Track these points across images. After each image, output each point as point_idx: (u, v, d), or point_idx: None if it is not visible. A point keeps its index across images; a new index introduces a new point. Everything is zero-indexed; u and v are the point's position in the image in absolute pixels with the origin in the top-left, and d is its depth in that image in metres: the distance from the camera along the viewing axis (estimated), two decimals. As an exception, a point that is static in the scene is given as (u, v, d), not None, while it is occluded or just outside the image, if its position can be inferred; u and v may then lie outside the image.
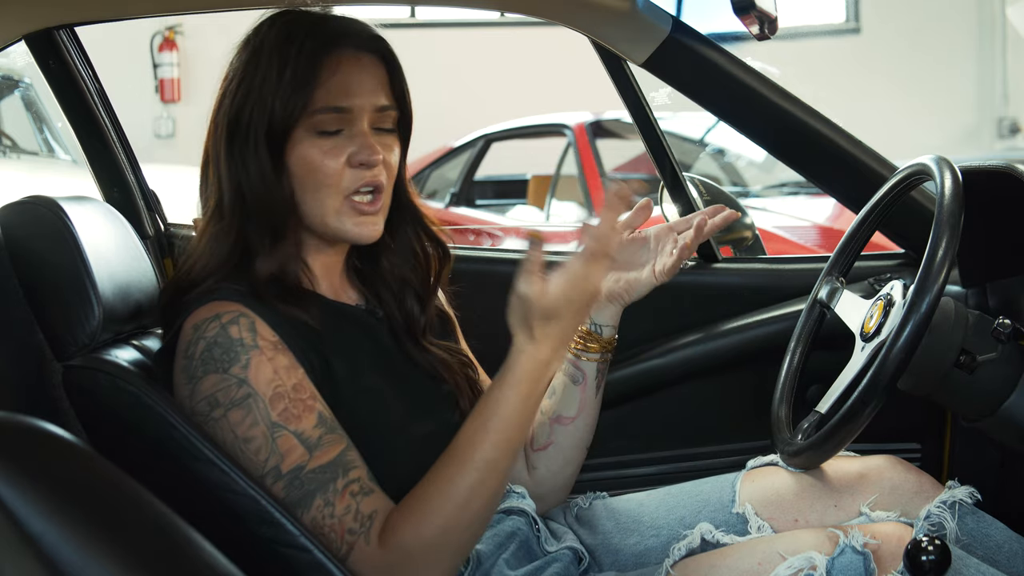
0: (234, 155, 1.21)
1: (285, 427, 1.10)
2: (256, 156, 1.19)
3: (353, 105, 1.21)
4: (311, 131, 1.20)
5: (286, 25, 1.22)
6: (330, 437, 1.12)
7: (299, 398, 1.12)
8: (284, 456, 1.10)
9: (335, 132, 1.20)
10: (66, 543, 0.71)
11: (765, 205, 4.24)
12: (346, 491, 1.10)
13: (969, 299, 1.57)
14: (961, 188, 1.24)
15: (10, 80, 4.67)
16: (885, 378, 1.19)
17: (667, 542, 1.31)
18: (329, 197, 1.21)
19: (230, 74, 1.23)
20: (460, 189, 5.58)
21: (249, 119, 1.19)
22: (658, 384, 1.77)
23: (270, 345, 1.13)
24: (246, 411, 1.10)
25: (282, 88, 1.18)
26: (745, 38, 1.58)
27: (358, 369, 1.21)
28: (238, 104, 1.20)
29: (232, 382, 1.11)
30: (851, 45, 8.24)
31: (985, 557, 1.24)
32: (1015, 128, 8.23)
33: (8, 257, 1.27)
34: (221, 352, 1.11)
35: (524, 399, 1.09)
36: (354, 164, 1.21)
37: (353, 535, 1.09)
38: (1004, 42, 8.21)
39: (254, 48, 1.22)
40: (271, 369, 1.12)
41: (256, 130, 1.19)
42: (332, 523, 1.09)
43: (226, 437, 1.11)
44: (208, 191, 1.24)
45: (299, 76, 1.18)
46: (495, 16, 8.05)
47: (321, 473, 1.10)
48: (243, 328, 1.13)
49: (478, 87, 7.73)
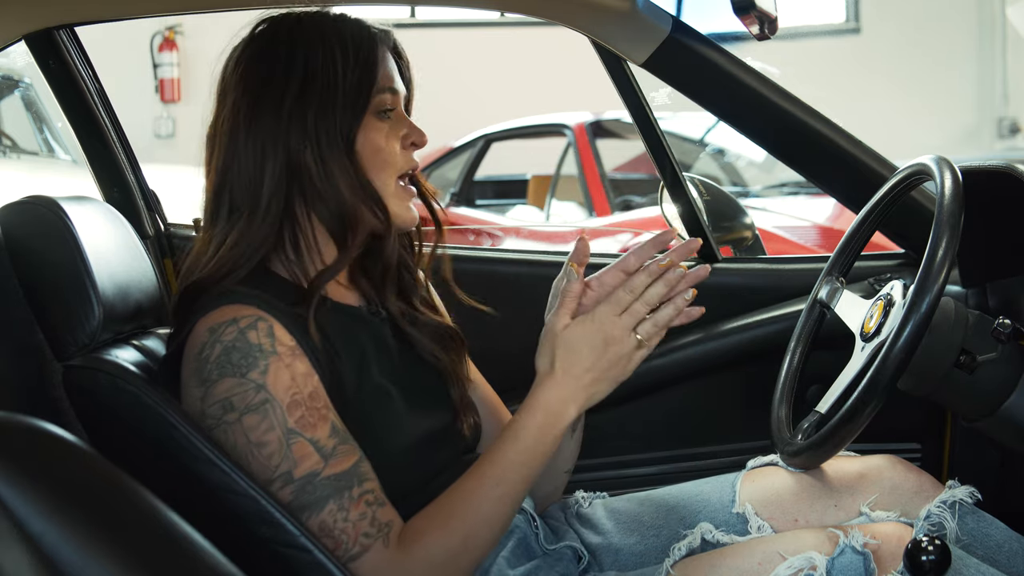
0: (290, 149, 1.17)
1: (301, 434, 1.09)
2: (326, 146, 1.17)
3: (399, 88, 1.24)
4: (373, 115, 1.21)
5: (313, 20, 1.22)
6: (344, 448, 1.11)
7: (315, 407, 1.11)
8: (298, 462, 1.09)
9: (390, 117, 1.22)
10: (66, 543, 0.71)
11: (765, 205, 4.24)
12: (361, 500, 1.10)
13: (969, 299, 1.57)
14: (961, 188, 1.24)
15: (10, 80, 4.67)
16: (885, 378, 1.19)
17: (667, 542, 1.31)
18: (391, 179, 1.22)
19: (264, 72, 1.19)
20: (460, 189, 5.58)
21: (311, 110, 1.17)
22: (658, 384, 1.77)
23: (288, 351, 1.12)
24: (262, 416, 1.09)
25: (351, 72, 1.18)
26: (745, 38, 1.58)
27: (365, 371, 1.20)
28: (291, 97, 1.17)
29: (249, 387, 1.10)
30: (851, 45, 8.24)
31: (985, 557, 1.24)
32: (1015, 128, 8.23)
33: (8, 257, 1.27)
34: (240, 357, 1.10)
35: (540, 429, 1.15)
36: (406, 145, 1.23)
37: (369, 538, 1.09)
38: (1004, 42, 8.20)
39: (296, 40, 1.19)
40: (289, 376, 1.11)
41: (322, 121, 1.17)
42: (345, 526, 1.09)
43: (237, 441, 1.10)
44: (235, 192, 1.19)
45: (364, 56, 1.19)
46: (495, 16, 8.06)
47: (336, 480, 1.09)
48: (262, 333, 1.11)
49: (478, 87, 7.72)
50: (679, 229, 1.87)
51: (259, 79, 1.19)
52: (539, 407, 1.15)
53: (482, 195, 5.87)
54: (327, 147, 1.17)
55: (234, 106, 1.20)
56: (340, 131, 1.18)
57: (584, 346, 1.15)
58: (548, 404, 1.15)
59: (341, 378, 1.17)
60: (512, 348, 1.39)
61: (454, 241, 4.66)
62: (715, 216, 1.91)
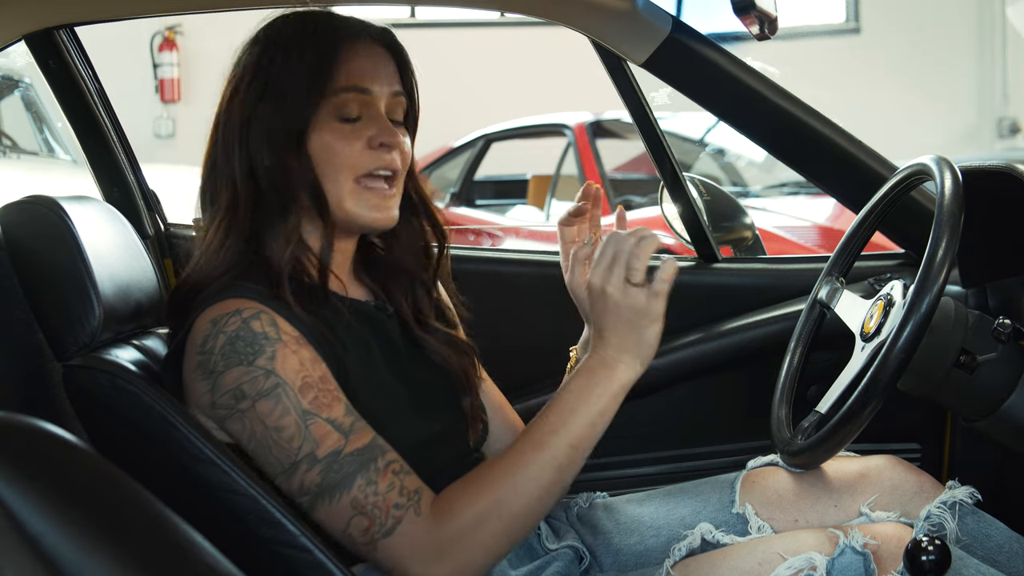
0: (250, 147, 1.20)
1: (317, 415, 1.10)
2: (276, 145, 1.19)
3: (373, 87, 1.22)
4: (332, 116, 1.20)
5: (300, 19, 1.23)
6: (360, 424, 1.12)
7: (327, 388, 1.12)
8: (319, 442, 1.09)
9: (355, 119, 1.21)
10: (66, 543, 0.71)
11: (765, 205, 4.24)
12: (388, 470, 1.10)
13: (969, 299, 1.57)
14: (961, 188, 1.24)
15: (10, 80, 4.67)
16: (885, 378, 1.19)
17: (667, 542, 1.31)
18: (347, 180, 1.21)
19: (241, 70, 1.23)
20: (460, 189, 5.58)
21: (268, 109, 1.19)
22: (658, 384, 1.77)
23: (293, 339, 1.13)
24: (275, 401, 1.09)
25: (303, 72, 1.19)
26: (745, 38, 1.58)
27: (371, 366, 1.21)
28: (255, 95, 1.20)
29: (259, 373, 1.10)
30: (851, 45, 8.25)
31: (985, 557, 1.24)
32: (1015, 128, 8.23)
33: (8, 257, 1.27)
34: (245, 345, 1.11)
35: (583, 389, 1.12)
36: (374, 146, 1.21)
37: (400, 509, 1.08)
38: (1004, 42, 8.21)
39: (269, 41, 1.22)
40: (297, 360, 1.11)
41: (275, 119, 1.19)
42: (376, 500, 1.08)
43: (255, 428, 1.10)
44: (217, 189, 1.23)
45: (321, 57, 1.19)
46: (495, 16, 8.06)
47: (360, 455, 1.09)
48: (265, 323, 1.12)
49: (478, 87, 7.73)
50: (679, 229, 1.88)
51: (234, 80, 1.23)
52: (584, 368, 1.13)
53: (482, 195, 5.87)
54: (278, 147, 1.19)
55: (217, 106, 1.24)
56: (289, 131, 1.19)
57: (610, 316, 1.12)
58: (592, 364, 1.13)
59: (346, 370, 1.17)
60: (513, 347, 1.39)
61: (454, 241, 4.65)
62: (715, 216, 1.91)
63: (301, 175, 1.20)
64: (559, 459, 1.10)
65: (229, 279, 1.18)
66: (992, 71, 8.28)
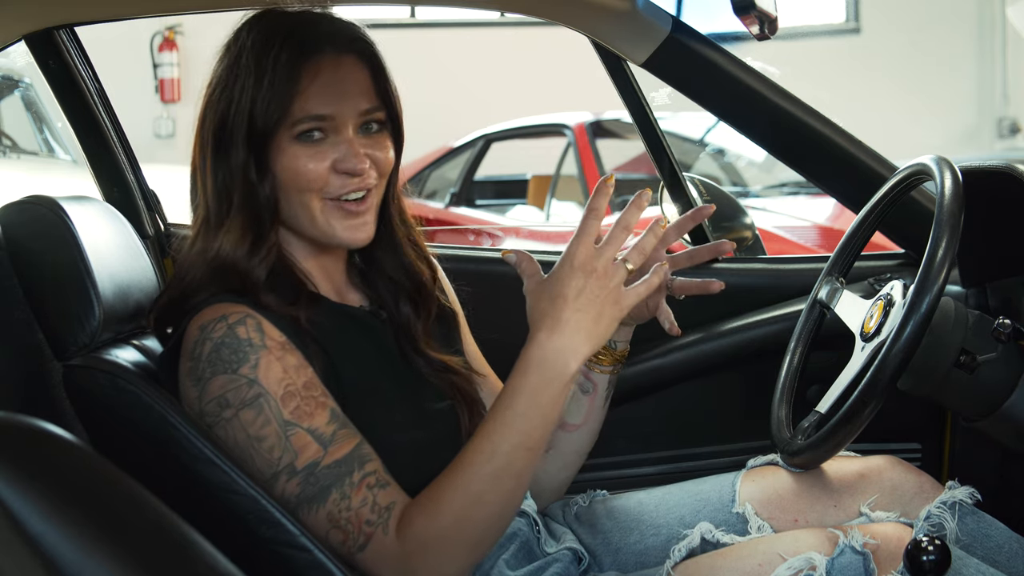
0: (219, 164, 1.20)
1: (298, 424, 1.10)
2: (241, 164, 1.18)
3: (336, 112, 1.18)
4: (294, 140, 1.18)
5: (264, 30, 1.20)
6: (343, 432, 1.12)
7: (311, 395, 1.12)
8: (298, 453, 1.09)
9: (319, 139, 1.19)
10: (66, 543, 0.71)
11: (765, 205, 4.23)
12: (363, 484, 1.10)
13: (969, 299, 1.57)
14: (961, 188, 1.24)
15: (10, 80, 4.67)
16: (885, 378, 1.19)
17: (667, 541, 1.31)
18: (315, 200, 1.19)
19: (212, 82, 1.22)
20: (460, 189, 5.58)
21: (232, 127, 1.18)
22: (658, 384, 1.77)
23: (278, 345, 1.12)
24: (257, 411, 1.10)
25: (261, 97, 1.16)
26: (745, 38, 1.58)
27: (362, 371, 1.21)
28: (220, 113, 1.19)
29: (242, 382, 1.10)
30: (851, 45, 8.25)
31: (985, 557, 1.24)
32: (1015, 128, 8.23)
33: (8, 257, 1.27)
34: (229, 353, 1.11)
35: (533, 391, 1.06)
36: (340, 171, 1.19)
37: (371, 526, 1.08)
38: (1004, 42, 8.21)
39: (234, 55, 1.20)
40: (281, 368, 1.11)
41: (239, 138, 1.18)
42: (349, 515, 1.08)
43: (238, 437, 1.11)
44: (197, 201, 1.24)
45: (278, 86, 1.16)
46: (495, 16, 8.06)
47: (336, 467, 1.09)
48: (250, 328, 1.12)
49: (478, 87, 7.73)
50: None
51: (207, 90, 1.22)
52: (531, 366, 1.06)
53: (482, 195, 5.86)
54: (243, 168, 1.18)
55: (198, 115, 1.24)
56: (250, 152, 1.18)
57: (564, 287, 1.05)
58: (542, 360, 1.06)
59: (336, 374, 1.17)
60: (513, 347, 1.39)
61: (454, 241, 4.67)
62: (715, 216, 1.91)
63: (266, 196, 1.19)
64: (516, 465, 1.08)
65: (214, 289, 1.17)
66: (992, 71, 8.29)
